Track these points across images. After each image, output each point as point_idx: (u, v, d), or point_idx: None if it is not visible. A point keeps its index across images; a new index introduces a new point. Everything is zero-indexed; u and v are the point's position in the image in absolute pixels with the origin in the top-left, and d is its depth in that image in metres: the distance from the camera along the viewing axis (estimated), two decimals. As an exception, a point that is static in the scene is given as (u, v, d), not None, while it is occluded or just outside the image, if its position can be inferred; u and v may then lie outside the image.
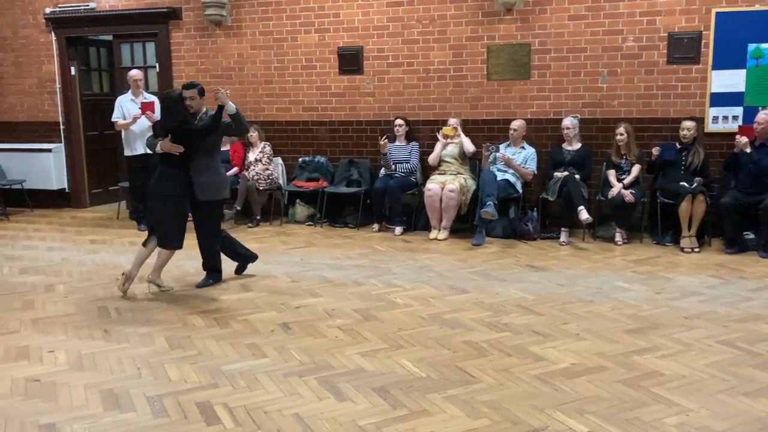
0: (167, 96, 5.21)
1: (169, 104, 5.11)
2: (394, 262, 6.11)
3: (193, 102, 5.17)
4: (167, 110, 5.15)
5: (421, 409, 3.29)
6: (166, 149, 5.01)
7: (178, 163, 5.06)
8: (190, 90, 5.20)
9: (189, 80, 8.45)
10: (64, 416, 3.27)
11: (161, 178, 5.11)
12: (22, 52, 9.13)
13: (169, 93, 5.26)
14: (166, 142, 5.01)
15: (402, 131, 7.50)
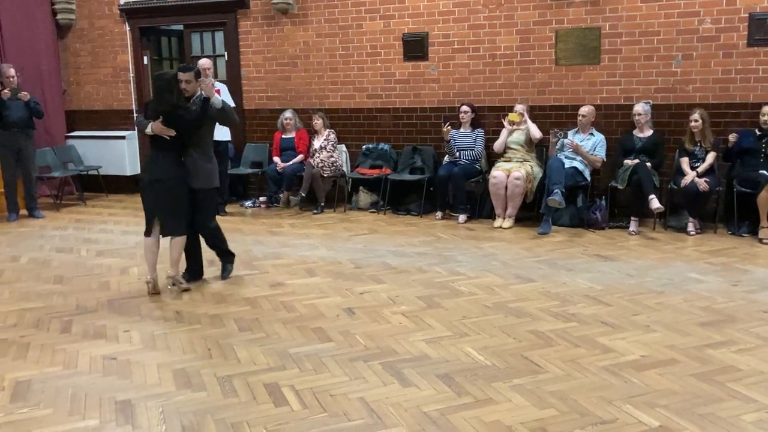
0: (160, 77, 4.95)
1: (163, 86, 4.84)
2: (458, 250, 6.08)
3: (188, 86, 4.92)
4: (159, 92, 4.88)
5: (486, 397, 3.27)
6: (156, 132, 4.78)
7: (172, 148, 4.87)
8: (186, 73, 4.92)
9: (255, 68, 8.68)
10: (138, 393, 3.40)
11: (156, 162, 4.90)
12: (98, 43, 9.47)
13: (163, 74, 5.00)
14: (156, 124, 4.76)
15: (467, 118, 7.43)
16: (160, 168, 4.85)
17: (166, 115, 4.76)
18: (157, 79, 4.93)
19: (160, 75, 4.97)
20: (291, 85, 8.51)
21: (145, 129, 4.84)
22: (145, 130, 4.85)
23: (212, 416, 3.13)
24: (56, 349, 3.99)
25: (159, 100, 4.84)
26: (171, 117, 4.78)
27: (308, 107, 8.39)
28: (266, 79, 8.62)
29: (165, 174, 4.84)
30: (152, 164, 4.93)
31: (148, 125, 4.80)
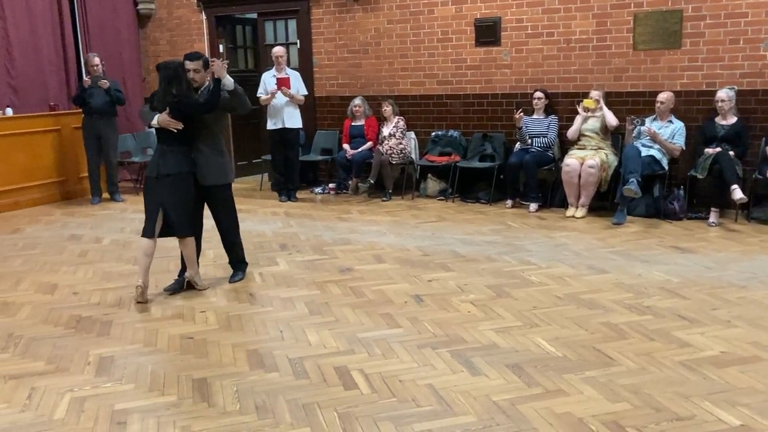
0: (166, 66, 4.54)
1: (169, 75, 4.47)
2: (528, 240, 5.99)
3: (196, 75, 4.57)
4: (166, 82, 4.48)
5: (557, 389, 3.22)
6: (163, 124, 4.46)
7: (180, 142, 4.53)
8: (194, 61, 4.58)
9: (326, 55, 8.75)
10: (214, 372, 3.51)
11: (164, 157, 4.52)
12: (176, 32, 9.76)
13: (169, 63, 4.59)
14: (163, 116, 4.45)
15: (540, 104, 7.29)
16: (168, 163, 4.50)
17: (174, 106, 4.46)
18: (164, 68, 4.52)
19: (166, 63, 4.56)
20: (361, 72, 8.54)
21: (150, 121, 4.54)
22: (150, 123, 4.54)
23: (284, 396, 3.21)
24: (137, 327, 4.17)
25: (166, 90, 4.48)
26: (179, 107, 4.47)
27: (378, 94, 8.42)
28: (337, 67, 8.69)
29: (174, 169, 4.50)
30: (160, 159, 4.54)
31: (153, 117, 4.50)
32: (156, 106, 4.51)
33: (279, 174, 8.20)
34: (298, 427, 2.94)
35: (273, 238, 6.29)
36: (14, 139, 7.91)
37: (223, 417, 3.05)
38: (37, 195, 8.18)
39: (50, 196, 8.33)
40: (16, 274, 5.35)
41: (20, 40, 8.33)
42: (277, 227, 6.74)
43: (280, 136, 7.93)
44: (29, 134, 8.07)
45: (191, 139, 4.57)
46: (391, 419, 2.98)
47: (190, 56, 4.62)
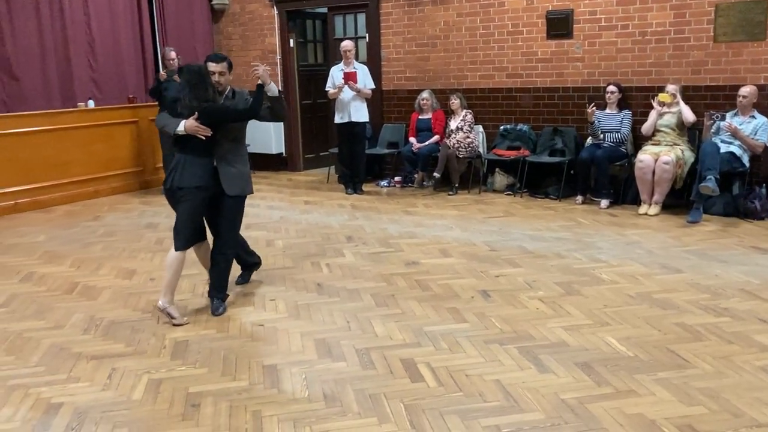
0: (190, 69, 4.16)
1: (194, 79, 4.10)
2: (599, 237, 5.86)
3: (221, 78, 4.22)
4: (191, 86, 4.09)
5: (628, 389, 3.15)
6: (191, 131, 4.03)
7: (203, 151, 4.13)
8: (219, 63, 4.22)
9: (394, 48, 8.77)
10: (283, 359, 3.59)
11: (182, 169, 4.09)
12: (248, 26, 9.96)
13: (192, 66, 4.22)
14: (190, 122, 4.03)
15: (614, 98, 7.10)
16: (185, 176, 4.08)
17: (206, 112, 4.08)
18: (187, 72, 4.14)
19: (189, 67, 4.20)
20: (429, 66, 8.52)
21: (173, 129, 4.08)
22: (174, 130, 4.08)
23: (351, 386, 3.25)
24: (209, 314, 4.29)
25: (193, 95, 4.08)
26: (210, 113, 4.09)
27: (446, 87, 8.38)
28: (405, 60, 8.69)
29: (190, 182, 4.07)
30: (177, 171, 4.11)
31: (178, 124, 4.06)
32: (181, 111, 4.10)
33: (345, 167, 8.28)
34: (365, 417, 2.98)
35: (339, 230, 6.37)
36: (95, 130, 8.26)
37: (292, 403, 3.12)
38: (115, 184, 8.52)
39: (128, 185, 8.67)
40: (97, 259, 5.60)
41: (102, 35, 8.68)
42: (343, 219, 6.82)
43: (347, 130, 8.00)
44: (109, 126, 8.41)
45: (214, 148, 4.18)
46: (457, 413, 2.98)
47: (214, 58, 4.27)
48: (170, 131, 4.11)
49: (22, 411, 3.11)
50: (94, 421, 3.01)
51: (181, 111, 4.10)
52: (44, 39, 8.11)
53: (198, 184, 4.08)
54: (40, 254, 5.77)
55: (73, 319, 4.25)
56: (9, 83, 7.82)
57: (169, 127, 4.10)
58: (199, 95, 4.08)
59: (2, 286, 4.93)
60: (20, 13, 7.86)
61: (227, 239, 4.40)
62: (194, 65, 4.23)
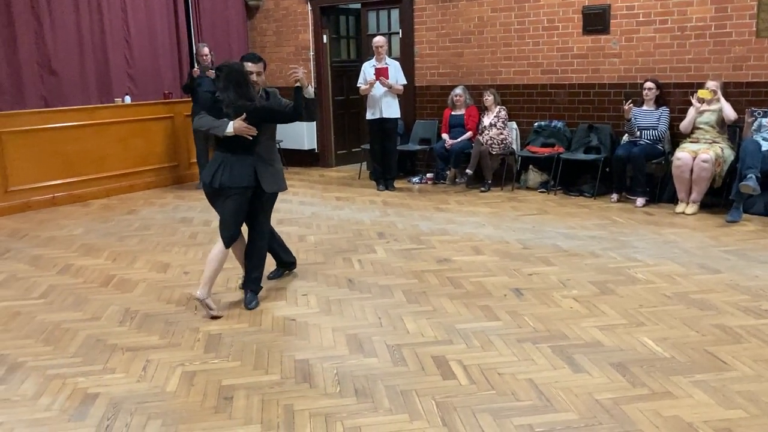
0: (232, 69, 4.10)
1: (237, 79, 4.06)
2: (635, 236, 5.76)
3: (258, 79, 4.27)
4: (237, 85, 4.06)
5: (664, 391, 3.09)
6: (240, 132, 4.03)
7: (247, 151, 4.14)
8: (257, 63, 4.27)
9: (428, 44, 8.73)
10: (315, 354, 3.60)
11: (229, 168, 4.09)
12: (282, 23, 10.01)
13: (233, 65, 4.16)
14: (239, 122, 4.02)
15: (651, 95, 6.97)
16: (235, 175, 4.10)
17: (253, 112, 4.07)
18: (230, 72, 4.08)
19: (231, 67, 4.13)
20: (463, 62, 8.47)
21: (222, 131, 4.05)
22: (224, 132, 4.04)
23: (383, 382, 3.25)
24: (242, 308, 4.32)
25: (239, 94, 4.06)
26: (260, 113, 4.12)
27: (479, 84, 8.32)
28: (438, 56, 8.65)
29: (240, 182, 4.11)
30: (224, 169, 4.10)
31: (225, 125, 4.04)
32: (227, 112, 4.05)
33: (377, 163, 8.27)
34: (397, 413, 2.97)
35: (371, 227, 6.36)
36: (131, 125, 8.38)
37: (323, 398, 3.12)
38: (150, 179, 8.64)
39: (163, 180, 8.78)
40: (133, 252, 5.68)
41: (138, 31, 8.80)
42: (374, 216, 6.81)
43: (378, 126, 7.99)
44: (145, 121, 8.53)
45: (255, 146, 4.19)
46: (489, 412, 2.95)
47: (252, 58, 4.29)
48: (219, 133, 4.07)
49: (60, 400, 3.17)
50: (129, 411, 3.05)
51: (227, 111, 4.05)
52: (82, 35, 8.25)
53: (247, 183, 4.14)
54: (77, 247, 5.88)
55: (109, 311, 4.32)
56: (48, 79, 7.97)
57: (218, 130, 4.06)
58: (245, 94, 4.07)
59: (41, 278, 5.03)
60: (60, 10, 8.00)
61: (261, 232, 4.48)
62: (234, 64, 4.17)
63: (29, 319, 4.21)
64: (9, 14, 7.56)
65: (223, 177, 4.09)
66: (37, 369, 3.50)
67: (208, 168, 4.21)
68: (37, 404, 3.14)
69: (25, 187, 7.37)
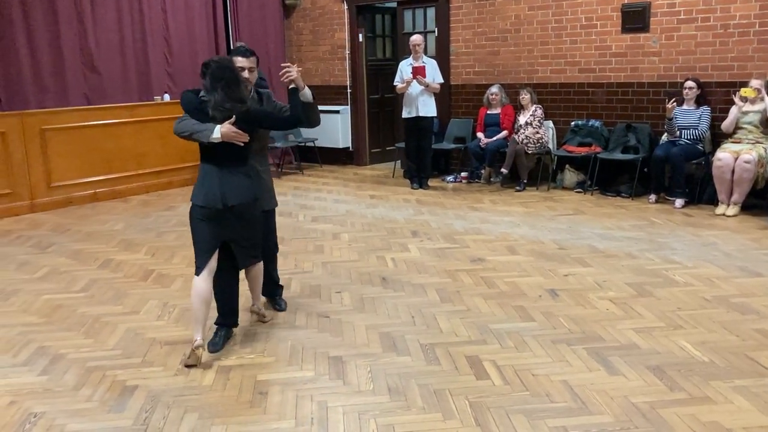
0: (222, 65, 3.48)
1: (228, 76, 3.46)
2: (673, 237, 5.66)
3: (251, 75, 3.72)
4: (226, 84, 3.44)
5: (702, 396, 3.04)
6: (230, 138, 3.42)
7: (239, 161, 3.58)
8: (249, 58, 3.71)
9: (464, 43, 8.69)
10: (348, 351, 3.62)
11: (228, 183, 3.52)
12: (318, 21, 10.07)
13: (222, 61, 3.53)
14: (227, 126, 3.41)
15: (692, 94, 6.83)
16: (238, 190, 3.54)
17: (245, 115, 3.50)
18: (219, 68, 3.46)
19: (219, 62, 3.51)
20: (499, 60, 8.41)
21: (207, 137, 3.43)
22: (209, 138, 3.42)
23: (416, 381, 3.25)
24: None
25: (228, 95, 3.45)
26: (253, 117, 3.56)
27: (515, 82, 8.25)
28: (474, 55, 8.61)
29: (247, 196, 3.58)
30: (224, 186, 3.51)
31: (210, 130, 3.42)
32: (214, 115, 3.45)
33: (411, 162, 8.27)
34: (430, 412, 2.97)
35: (404, 225, 6.37)
36: (170, 123, 8.40)
37: (357, 395, 3.14)
38: (188, 176, 8.75)
39: (200, 177, 8.90)
40: (170, 248, 5.78)
41: (177, 30, 8.94)
42: (408, 214, 6.82)
43: (414, 125, 7.99)
44: (183, 119, 8.65)
45: (248, 157, 3.64)
46: (523, 412, 2.93)
47: (242, 52, 3.72)
48: (203, 139, 3.43)
49: (100, 392, 3.25)
50: (167, 404, 3.11)
51: (213, 114, 3.44)
52: (124, 35, 8.42)
53: (255, 195, 3.64)
54: (118, 242, 6.00)
55: (148, 306, 4.41)
56: (90, 77, 8.16)
57: (202, 135, 3.43)
58: (235, 95, 3.45)
59: (82, 272, 5.15)
60: (102, 11, 8.18)
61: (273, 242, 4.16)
62: (223, 59, 3.56)
63: (70, 312, 4.31)
64: (54, 15, 7.75)
65: (228, 195, 3.50)
66: (78, 361, 3.59)
67: (201, 185, 3.54)
68: (78, 395, 3.22)
69: (68, 182, 7.55)
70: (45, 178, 7.35)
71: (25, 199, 7.21)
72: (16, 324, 4.12)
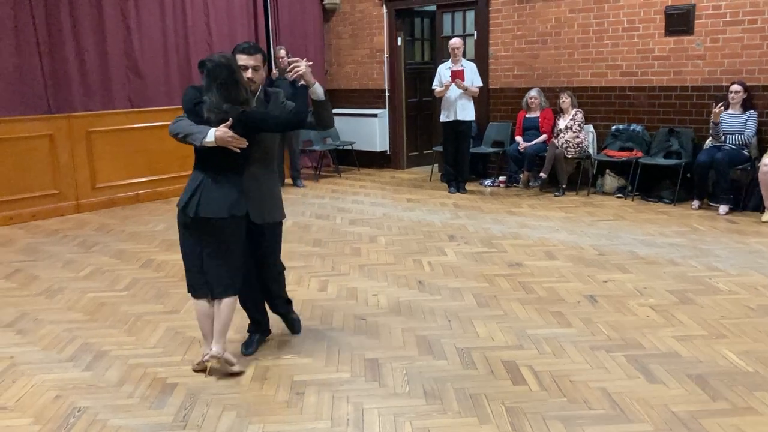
0: (218, 63, 3.19)
1: (223, 76, 3.17)
2: (717, 244, 5.54)
3: (255, 75, 3.36)
4: (221, 85, 3.18)
5: (746, 406, 2.96)
6: (223, 142, 3.15)
7: (233, 168, 3.29)
8: (253, 56, 3.35)
9: (503, 46, 8.65)
10: (385, 354, 3.63)
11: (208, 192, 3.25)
12: (357, 25, 10.13)
13: (220, 59, 3.21)
14: (222, 130, 3.15)
15: (738, 98, 6.67)
16: (214, 201, 3.24)
17: (241, 118, 3.21)
18: (215, 67, 3.18)
19: (215, 61, 3.21)
20: (539, 64, 8.34)
21: (199, 140, 3.17)
22: (201, 141, 3.17)
23: (452, 384, 3.24)
24: (315, 305, 4.41)
25: (223, 96, 3.19)
26: (250, 120, 3.24)
27: (555, 86, 8.18)
28: (514, 58, 8.55)
29: (222, 211, 3.24)
30: (202, 193, 3.25)
31: (204, 133, 3.16)
32: (209, 117, 3.20)
33: (449, 165, 8.25)
34: (465, 416, 2.96)
35: (441, 229, 6.36)
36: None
37: (392, 398, 3.15)
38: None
39: (239, 179, 9.02)
40: (210, 249, 5.86)
41: (219, 35, 9.09)
42: (445, 218, 6.80)
43: (452, 128, 7.97)
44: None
45: (247, 163, 3.34)
46: (560, 419, 2.90)
47: (246, 49, 3.37)
48: (195, 142, 3.19)
49: (141, 388, 3.32)
50: (206, 402, 3.16)
51: (208, 116, 3.19)
52: (167, 39, 8.59)
53: (233, 212, 3.27)
54: (159, 242, 6.12)
55: (188, 305, 4.47)
56: (135, 81, 8.34)
57: (193, 138, 3.18)
58: (231, 97, 3.19)
59: (125, 271, 5.27)
60: (147, 16, 8.36)
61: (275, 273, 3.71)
62: (221, 57, 3.23)
63: (114, 310, 4.42)
64: (100, 20, 7.96)
65: (200, 204, 3.23)
66: (121, 358, 3.67)
67: (185, 189, 3.31)
68: (120, 391, 3.30)
69: (112, 184, 7.73)
70: (90, 179, 7.54)
71: (70, 200, 7.40)
72: (62, 321, 4.24)
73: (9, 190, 6.92)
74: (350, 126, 10.01)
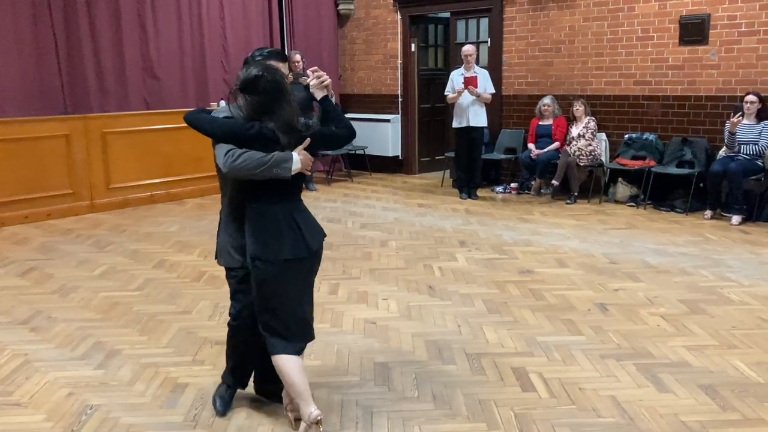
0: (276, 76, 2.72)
1: (287, 90, 2.73)
2: (730, 254, 5.52)
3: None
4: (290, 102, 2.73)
5: (757, 417, 2.96)
6: (306, 166, 2.73)
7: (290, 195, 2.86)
8: (285, 63, 2.96)
9: (517, 53, 8.64)
10: (395, 358, 3.65)
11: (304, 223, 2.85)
12: (371, 31, 10.17)
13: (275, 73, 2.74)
14: (304, 153, 2.73)
15: (753, 109, 6.65)
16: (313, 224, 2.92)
17: (316, 136, 2.78)
18: (275, 80, 2.70)
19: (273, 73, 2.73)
20: (552, 71, 8.35)
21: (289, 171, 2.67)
22: (290, 171, 2.68)
23: (461, 390, 3.25)
24: (325, 308, 4.43)
25: (296, 113, 2.75)
26: (321, 138, 2.82)
27: (569, 93, 8.17)
28: (527, 65, 8.56)
29: (321, 234, 2.95)
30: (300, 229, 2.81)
31: (290, 159, 2.67)
32: (289, 140, 2.71)
33: (461, 171, 8.26)
34: (475, 422, 2.97)
35: (453, 234, 6.37)
36: (225, 129, 8.69)
37: (402, 402, 3.16)
38: (241, 180, 8.95)
39: (252, 182, 9.07)
40: (222, 250, 5.90)
41: (235, 38, 9.15)
42: (456, 224, 6.81)
43: (464, 135, 7.98)
44: (238, 125, 8.83)
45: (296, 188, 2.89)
46: (570, 426, 2.91)
47: (277, 55, 2.95)
48: (284, 174, 2.67)
49: (153, 388, 3.35)
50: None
51: (288, 141, 2.70)
52: (183, 42, 8.67)
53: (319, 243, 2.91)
54: (172, 243, 6.17)
55: (200, 306, 4.52)
56: (150, 83, 8.42)
57: (281, 168, 2.65)
58: (298, 112, 2.75)
59: (139, 271, 5.31)
60: (163, 19, 8.44)
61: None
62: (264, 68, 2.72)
63: (127, 310, 4.46)
64: (117, 23, 8.04)
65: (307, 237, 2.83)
66: (133, 357, 3.71)
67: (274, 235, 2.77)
68: (132, 390, 3.33)
69: (126, 184, 7.80)
70: (105, 180, 7.61)
71: (85, 200, 7.47)
72: (76, 319, 4.29)
73: (25, 189, 7.00)
74: (363, 131, 9.97)
